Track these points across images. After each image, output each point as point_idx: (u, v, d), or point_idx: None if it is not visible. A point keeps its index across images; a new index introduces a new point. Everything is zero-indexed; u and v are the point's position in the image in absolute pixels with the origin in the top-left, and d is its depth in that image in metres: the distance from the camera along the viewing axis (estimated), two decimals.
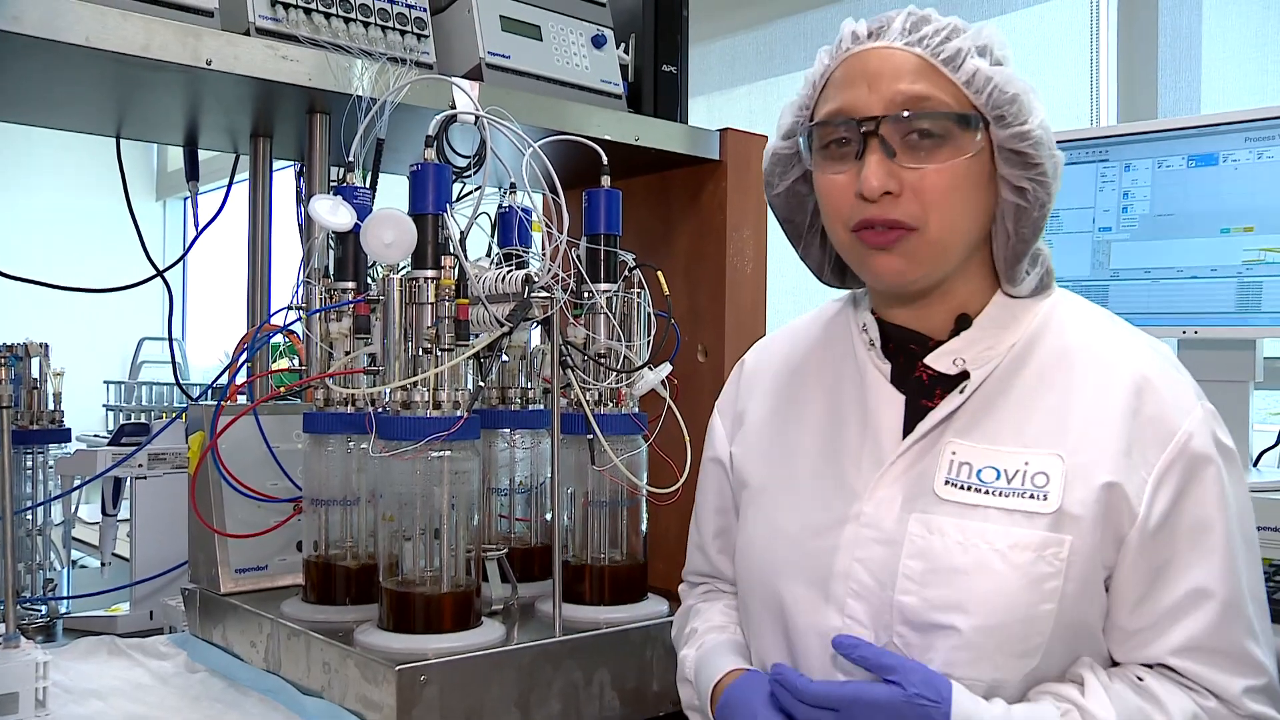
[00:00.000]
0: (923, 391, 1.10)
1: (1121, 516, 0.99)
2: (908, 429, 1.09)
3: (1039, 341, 1.08)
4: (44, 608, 1.71)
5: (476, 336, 1.29)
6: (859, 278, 1.16)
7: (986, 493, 1.02)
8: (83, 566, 2.23)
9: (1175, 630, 1.00)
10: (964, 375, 1.08)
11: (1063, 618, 0.99)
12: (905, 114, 1.02)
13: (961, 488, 1.03)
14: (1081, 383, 1.04)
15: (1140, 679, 1.00)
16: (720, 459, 1.29)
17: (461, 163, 1.44)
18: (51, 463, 1.76)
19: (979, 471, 1.03)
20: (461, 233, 1.38)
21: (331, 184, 1.58)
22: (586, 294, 1.42)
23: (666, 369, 1.43)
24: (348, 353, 1.39)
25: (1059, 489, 1.00)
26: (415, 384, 1.24)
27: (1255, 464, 1.81)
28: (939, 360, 1.09)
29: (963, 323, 1.10)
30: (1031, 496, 1.00)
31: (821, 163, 1.09)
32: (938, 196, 1.02)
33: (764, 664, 1.16)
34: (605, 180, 1.46)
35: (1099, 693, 0.98)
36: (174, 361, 2.18)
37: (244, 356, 1.55)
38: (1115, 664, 1.04)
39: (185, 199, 1.88)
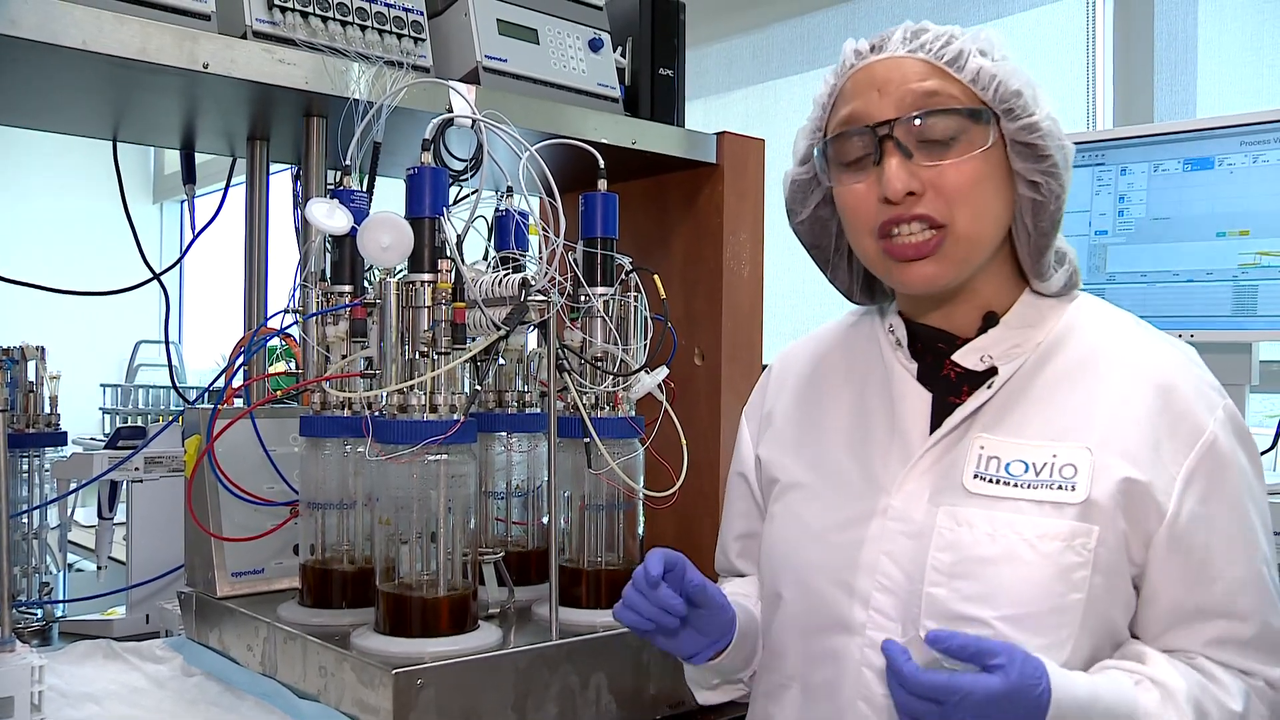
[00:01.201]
0: (950, 389, 1.12)
1: (1149, 512, 1.01)
2: (935, 425, 1.10)
3: (1065, 341, 1.10)
4: (40, 611, 1.71)
5: (473, 340, 1.29)
6: (888, 293, 1.18)
7: (1015, 485, 1.03)
8: (79, 570, 2.22)
9: (1211, 625, 1.02)
10: (991, 371, 1.10)
11: (1091, 609, 1.00)
12: (917, 113, 1.04)
13: (990, 481, 1.04)
14: (1107, 380, 1.06)
15: (1191, 659, 1.02)
16: (745, 473, 1.30)
17: (458, 166, 1.44)
18: (48, 466, 1.75)
19: (1007, 465, 1.04)
20: (458, 236, 1.38)
21: (328, 187, 1.58)
22: (583, 297, 1.42)
23: (663, 372, 1.43)
24: (344, 356, 1.39)
25: (1087, 480, 1.01)
26: (412, 387, 1.24)
27: None
28: (966, 357, 1.11)
29: (990, 320, 1.12)
30: (1060, 488, 1.02)
31: (840, 175, 1.11)
32: (960, 192, 1.04)
33: (782, 655, 1.16)
34: (602, 184, 1.46)
35: (1164, 663, 0.99)
36: (170, 364, 2.18)
37: (241, 360, 1.55)
38: None
39: (182, 202, 1.88)
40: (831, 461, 1.17)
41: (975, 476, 1.05)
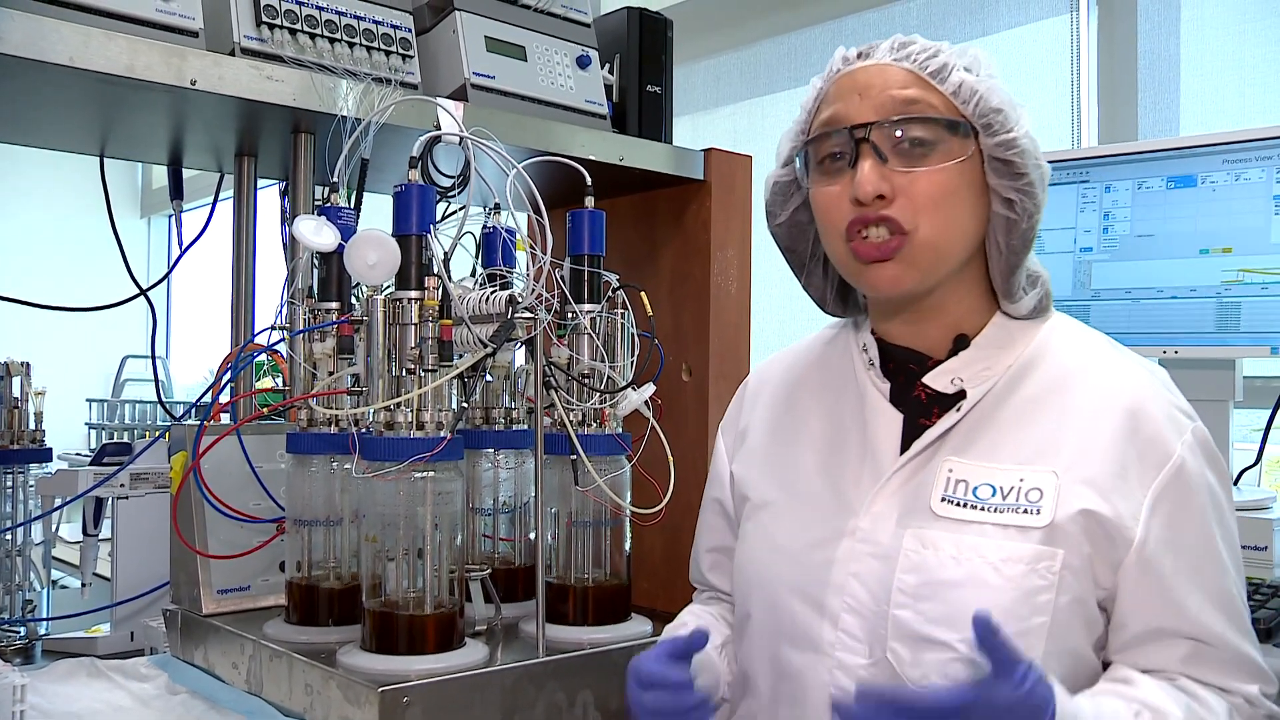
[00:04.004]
0: (921, 410, 1.12)
1: (1116, 538, 1.01)
2: (905, 446, 1.10)
3: (1036, 363, 1.10)
4: (22, 629, 1.70)
5: (460, 357, 1.29)
6: (861, 305, 1.18)
7: (982, 509, 1.03)
8: (63, 587, 2.21)
9: (1180, 647, 1.02)
10: (961, 394, 1.10)
11: (1055, 632, 1.00)
12: (896, 119, 1.06)
13: (957, 504, 1.04)
14: (1077, 404, 1.06)
15: (1173, 679, 1.02)
16: (720, 497, 1.31)
17: (446, 183, 1.44)
18: (32, 482, 1.75)
19: (975, 489, 1.05)
20: (445, 253, 1.38)
21: (316, 204, 1.58)
22: (570, 314, 1.43)
23: (650, 389, 1.43)
24: (331, 373, 1.39)
25: (1052, 504, 1.01)
26: (399, 404, 1.24)
27: (1235, 483, 1.82)
28: (937, 379, 1.11)
29: (961, 343, 1.12)
30: (1025, 511, 1.02)
31: (817, 179, 1.12)
32: (929, 201, 1.05)
33: (752, 675, 1.16)
34: (589, 200, 1.46)
35: (1154, 688, 0.99)
36: (157, 380, 2.17)
37: (227, 376, 1.55)
38: None
39: (169, 217, 1.88)
40: (803, 480, 1.17)
41: (943, 499, 1.05)
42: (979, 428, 1.08)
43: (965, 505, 1.04)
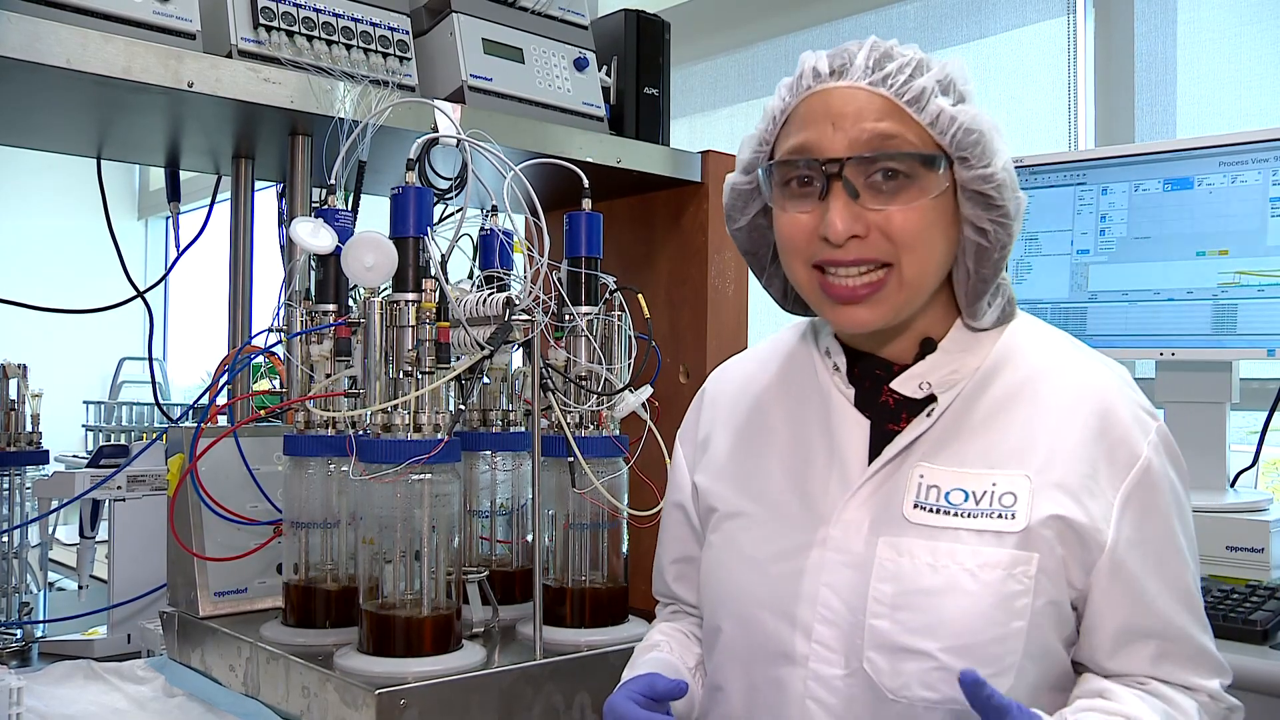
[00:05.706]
0: (888, 416, 1.10)
1: (1089, 540, 1.01)
2: (874, 453, 1.09)
3: (1003, 365, 1.09)
4: (19, 632, 1.70)
5: (457, 359, 1.29)
6: None
7: (955, 514, 1.02)
8: (60, 589, 2.21)
9: (1149, 645, 1.02)
10: (930, 399, 1.08)
11: (1032, 634, 1.00)
12: (870, 155, 1.02)
13: (930, 510, 1.03)
14: (1045, 405, 1.05)
15: (1143, 684, 1.02)
16: (682, 503, 1.27)
17: (443, 185, 1.44)
18: (29, 484, 1.74)
19: (947, 494, 1.03)
20: (443, 255, 1.38)
21: (313, 206, 1.58)
22: (567, 316, 1.43)
23: (647, 391, 1.43)
24: (329, 375, 1.39)
25: (1026, 508, 1.00)
26: (396, 407, 1.24)
27: (1233, 484, 1.82)
28: (905, 384, 1.10)
29: (927, 347, 1.10)
30: (1000, 516, 1.01)
31: (782, 200, 1.08)
32: (908, 237, 1.02)
33: (725, 686, 1.15)
34: (586, 203, 1.46)
35: (1132, 699, 0.99)
36: (154, 382, 2.17)
37: (225, 378, 1.55)
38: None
39: (167, 218, 1.87)
40: (770, 490, 1.14)
41: (915, 506, 1.03)
42: (948, 432, 1.07)
43: (938, 511, 1.03)
